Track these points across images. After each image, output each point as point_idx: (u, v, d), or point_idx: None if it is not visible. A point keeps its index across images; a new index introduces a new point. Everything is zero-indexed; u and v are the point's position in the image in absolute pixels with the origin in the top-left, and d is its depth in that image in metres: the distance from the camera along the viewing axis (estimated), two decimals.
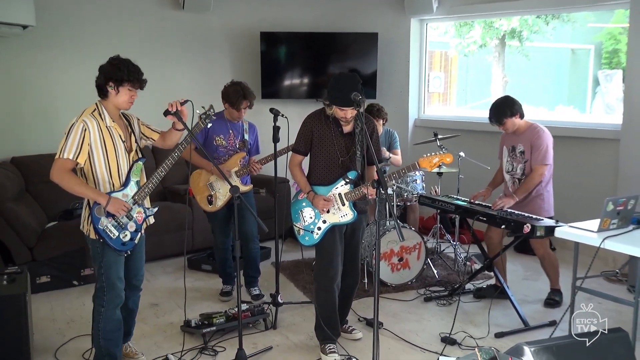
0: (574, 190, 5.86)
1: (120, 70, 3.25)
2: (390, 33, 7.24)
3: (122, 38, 6.37)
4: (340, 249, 3.76)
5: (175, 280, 5.33)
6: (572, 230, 3.72)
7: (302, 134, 3.74)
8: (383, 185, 3.10)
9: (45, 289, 4.97)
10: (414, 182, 5.47)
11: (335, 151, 3.66)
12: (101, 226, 3.30)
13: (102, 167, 3.31)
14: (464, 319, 4.40)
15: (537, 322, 4.30)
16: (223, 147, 4.57)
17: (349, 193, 3.67)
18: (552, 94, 10.37)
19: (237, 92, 4.45)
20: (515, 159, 4.56)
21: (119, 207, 3.30)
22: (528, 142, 4.46)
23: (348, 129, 3.67)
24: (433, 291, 4.94)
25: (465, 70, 10.35)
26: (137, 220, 3.45)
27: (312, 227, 3.75)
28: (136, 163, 3.46)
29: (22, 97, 6.04)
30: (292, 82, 7.35)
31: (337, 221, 3.71)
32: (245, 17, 7.16)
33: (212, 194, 4.55)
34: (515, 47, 9.61)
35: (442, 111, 7.96)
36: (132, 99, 3.35)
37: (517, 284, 5.14)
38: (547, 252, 4.60)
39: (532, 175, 4.43)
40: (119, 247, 3.36)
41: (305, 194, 3.75)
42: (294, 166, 3.81)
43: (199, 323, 4.05)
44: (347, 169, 3.67)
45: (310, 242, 3.76)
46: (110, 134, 3.32)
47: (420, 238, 5.10)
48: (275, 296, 4.43)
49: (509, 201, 4.37)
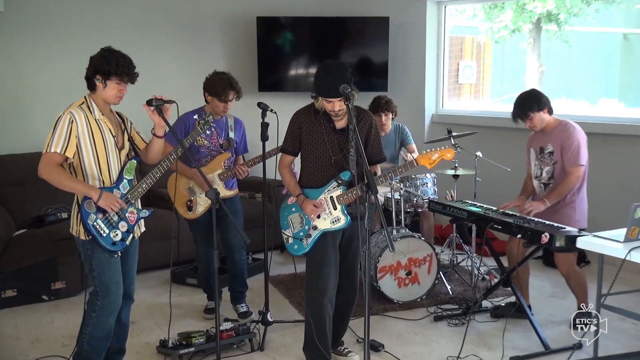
0: (614, 194, 5.83)
1: (108, 63, 3.38)
2: (403, 17, 7.27)
3: (104, 25, 6.48)
4: (334, 259, 3.78)
5: (156, 296, 5.40)
6: (596, 240, 3.71)
7: (290, 131, 3.79)
8: (372, 188, 3.12)
9: (10, 304, 5.06)
10: (424, 185, 5.49)
11: (326, 149, 3.70)
12: (91, 221, 3.41)
13: (91, 162, 3.44)
14: (477, 340, 4.41)
15: (560, 345, 4.28)
16: (205, 148, 4.61)
17: (341, 196, 3.70)
18: (596, 86, 10.28)
19: (222, 81, 4.49)
20: (544, 161, 4.56)
21: (111, 202, 3.41)
22: (558, 142, 4.46)
23: (341, 124, 3.70)
24: (445, 309, 4.95)
25: (501, 58, 10.33)
26: (129, 220, 3.55)
27: (301, 235, 3.79)
28: (130, 161, 3.60)
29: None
30: (292, 73, 7.42)
31: (328, 227, 3.74)
32: (239, 0, 7.24)
33: (192, 199, 4.61)
34: (553, 32, 9.56)
35: (465, 105, 7.96)
36: (121, 93, 3.48)
37: (542, 301, 5.13)
38: (573, 270, 4.56)
39: (568, 178, 4.42)
40: (109, 247, 3.46)
41: (295, 197, 3.80)
42: (283, 167, 3.88)
43: (177, 343, 4.11)
44: (340, 169, 3.70)
45: (300, 251, 3.80)
46: (99, 127, 3.45)
47: (432, 249, 5.12)
48: (264, 314, 4.47)
49: (539, 206, 4.38)
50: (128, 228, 3.55)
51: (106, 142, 3.48)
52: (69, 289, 5.27)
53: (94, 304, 3.53)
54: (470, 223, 5.16)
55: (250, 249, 6.00)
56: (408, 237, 5.08)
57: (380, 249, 4.98)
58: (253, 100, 4.60)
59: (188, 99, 4.54)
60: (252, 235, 3.97)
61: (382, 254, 4.93)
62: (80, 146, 3.40)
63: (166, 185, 4.78)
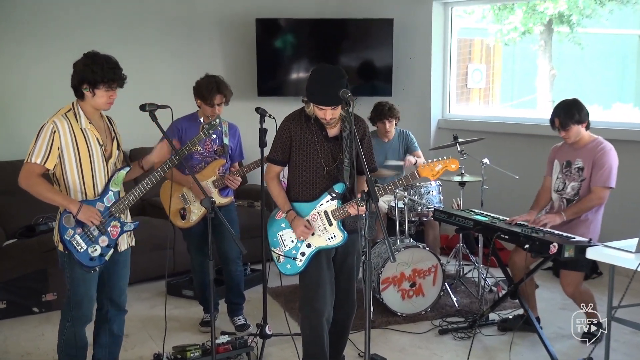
0: (627, 203, 5.86)
1: (94, 71, 3.40)
2: (408, 19, 7.34)
3: (96, 25, 6.54)
4: (329, 277, 3.72)
5: (150, 308, 5.45)
6: (607, 250, 3.75)
7: (278, 139, 3.68)
8: (373, 197, 3.13)
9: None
10: (428, 193, 5.53)
11: (318, 159, 3.61)
12: (68, 237, 3.46)
13: (73, 174, 3.48)
14: (483, 354, 4.45)
15: (570, 359, 4.31)
16: (198, 154, 4.66)
17: (336, 210, 3.61)
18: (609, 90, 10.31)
19: (209, 84, 4.54)
20: (570, 176, 4.58)
21: (90, 215, 3.45)
22: (590, 158, 4.47)
23: (334, 132, 3.64)
24: (450, 322, 4.99)
25: (512, 61, 10.37)
26: (110, 235, 3.58)
27: (294, 253, 3.70)
28: (118, 172, 3.62)
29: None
30: (292, 77, 7.48)
31: (324, 245, 3.66)
32: (238, 1, 7.31)
33: (186, 207, 4.65)
34: (565, 34, 9.60)
35: (473, 111, 8.01)
36: (111, 99, 3.53)
37: (552, 314, 5.16)
38: (578, 292, 4.53)
39: (591, 196, 4.43)
40: (86, 262, 3.50)
41: (284, 213, 3.70)
42: (271, 179, 3.75)
43: (171, 357, 4.15)
44: (333, 181, 3.62)
45: (293, 270, 3.72)
46: (84, 136, 3.49)
47: (437, 260, 5.16)
48: (262, 327, 4.51)
49: (555, 219, 4.40)
50: (109, 243, 3.58)
51: (92, 152, 3.51)
52: (60, 300, 5.29)
53: (67, 314, 3.64)
54: (476, 233, 5.19)
55: (249, 260, 6.05)
56: (412, 247, 5.12)
57: (383, 260, 5.02)
58: (252, 105, 4.64)
59: (184, 103, 4.61)
60: (251, 246, 3.98)
61: (385, 265, 4.97)
62: (63, 157, 3.45)
63: (159, 194, 4.82)
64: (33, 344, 4.71)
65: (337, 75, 3.43)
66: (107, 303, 3.82)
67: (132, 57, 6.76)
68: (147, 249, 5.82)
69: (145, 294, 5.79)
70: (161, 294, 5.73)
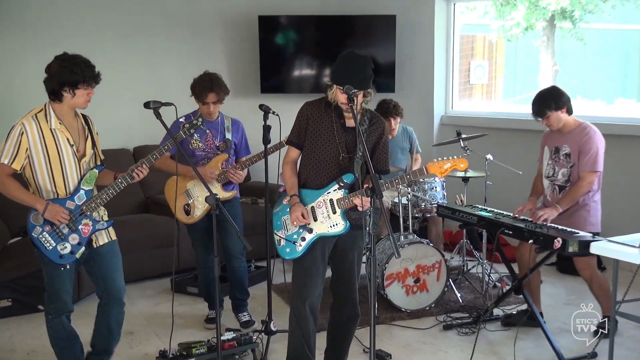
0: (630, 197, 5.87)
1: (73, 72, 3.47)
2: (410, 15, 7.35)
3: (96, 22, 6.52)
4: (322, 270, 3.69)
5: (155, 305, 5.46)
6: (611, 245, 3.75)
7: (296, 121, 3.71)
8: (377, 193, 3.13)
9: (4, 315, 5.13)
10: (432, 190, 5.53)
11: (335, 146, 3.59)
12: (35, 234, 3.51)
13: (43, 174, 3.54)
14: (488, 350, 4.45)
15: (574, 354, 4.32)
16: (200, 150, 4.68)
17: (341, 199, 3.60)
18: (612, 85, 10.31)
19: (203, 82, 4.56)
20: (558, 162, 4.61)
21: (56, 213, 3.49)
22: (576, 144, 4.50)
23: (352, 122, 3.61)
24: (454, 318, 5.00)
25: (514, 57, 10.37)
26: (81, 233, 3.62)
27: (295, 237, 3.70)
28: (90, 171, 3.67)
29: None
30: (295, 74, 7.50)
31: (325, 231, 3.65)
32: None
33: (190, 202, 4.66)
34: (568, 29, 9.59)
35: (476, 107, 8.01)
36: (89, 96, 3.60)
37: (557, 309, 5.17)
38: (595, 274, 4.57)
39: (580, 183, 4.46)
40: (55, 260, 3.56)
41: (289, 197, 3.71)
42: (286, 163, 3.77)
43: (177, 354, 4.15)
44: (343, 171, 3.61)
45: (292, 254, 3.71)
46: (54, 137, 3.53)
47: (441, 255, 5.16)
48: (267, 323, 4.52)
49: (552, 212, 4.42)
50: (80, 241, 3.61)
51: (61, 152, 3.55)
52: None
53: (49, 307, 3.74)
54: (480, 228, 5.20)
55: (253, 257, 6.06)
56: (416, 243, 5.13)
57: (387, 256, 5.03)
58: (255, 103, 4.65)
59: (187, 101, 4.61)
60: (254, 243, 3.99)
61: (389, 260, 4.98)
62: (32, 158, 3.50)
63: (164, 191, 4.83)
64: (39, 341, 4.72)
65: (364, 63, 3.46)
66: (104, 295, 3.86)
67: (135, 55, 6.83)
68: (150, 247, 5.84)
69: (149, 291, 5.81)
70: (166, 291, 5.75)
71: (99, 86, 3.67)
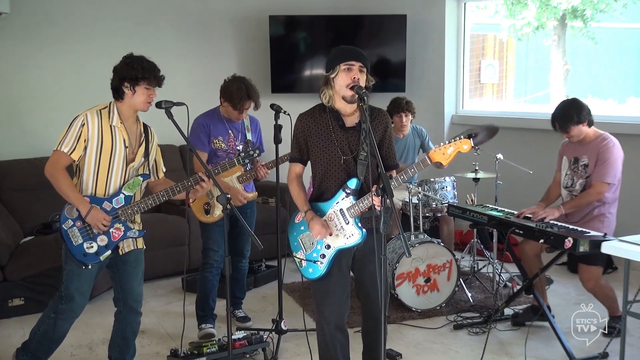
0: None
1: (134, 68, 3.51)
2: (421, 15, 7.34)
3: (111, 25, 6.58)
4: (343, 282, 3.55)
5: (167, 304, 5.48)
6: (622, 244, 3.73)
7: (294, 136, 3.58)
8: (388, 191, 3.10)
9: (18, 313, 5.17)
10: (443, 189, 5.53)
11: (335, 148, 3.44)
12: (66, 226, 3.52)
13: (90, 169, 3.57)
14: (499, 349, 4.45)
15: (585, 354, 4.31)
16: (222, 151, 4.66)
17: (351, 207, 3.44)
18: (624, 84, 10.27)
19: (240, 90, 4.49)
20: (577, 172, 4.58)
21: (98, 220, 3.52)
22: (594, 155, 4.47)
23: (352, 120, 3.48)
24: (465, 317, 5.00)
25: (525, 56, 10.35)
26: (111, 236, 3.61)
27: (315, 256, 3.53)
28: (135, 177, 3.68)
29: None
30: (306, 73, 7.50)
31: (342, 244, 3.48)
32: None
33: (210, 202, 4.66)
34: (579, 28, 9.56)
35: (487, 106, 8.00)
36: (150, 98, 3.61)
37: (567, 309, 5.14)
38: (598, 286, 4.52)
39: (589, 191, 4.45)
40: (78, 257, 3.55)
41: (303, 213, 3.54)
42: (290, 181, 3.60)
43: (188, 353, 4.17)
44: (350, 175, 3.46)
45: (316, 274, 3.54)
46: (112, 134, 3.57)
47: (451, 255, 5.16)
48: (277, 322, 4.54)
49: (553, 212, 4.42)
50: (107, 244, 3.61)
51: (114, 151, 3.58)
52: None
53: (56, 307, 3.69)
54: (491, 228, 5.19)
55: (264, 256, 6.08)
56: (427, 242, 5.13)
57: (398, 255, 5.03)
58: (266, 102, 4.65)
59: (198, 100, 4.63)
60: (265, 242, 3.95)
61: (400, 260, 4.98)
62: (86, 151, 3.53)
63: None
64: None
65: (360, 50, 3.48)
66: (120, 304, 3.87)
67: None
68: (162, 246, 5.86)
69: (161, 290, 5.83)
70: (177, 290, 5.78)
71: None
